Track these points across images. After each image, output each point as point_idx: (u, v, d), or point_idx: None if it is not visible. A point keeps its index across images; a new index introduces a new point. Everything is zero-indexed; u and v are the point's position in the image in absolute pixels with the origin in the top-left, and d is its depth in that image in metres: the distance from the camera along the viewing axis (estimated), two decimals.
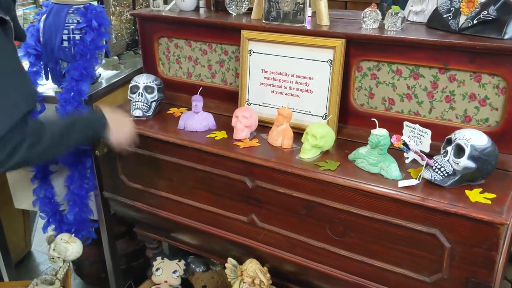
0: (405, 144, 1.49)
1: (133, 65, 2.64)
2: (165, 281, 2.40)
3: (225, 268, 2.02)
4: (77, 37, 2.21)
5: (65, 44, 2.21)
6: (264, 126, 1.95)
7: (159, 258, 2.44)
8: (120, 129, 1.76)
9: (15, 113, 1.38)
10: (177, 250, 2.48)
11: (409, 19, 1.89)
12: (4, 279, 2.69)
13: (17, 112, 1.39)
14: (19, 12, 4.04)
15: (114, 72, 2.63)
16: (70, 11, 2.21)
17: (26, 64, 2.32)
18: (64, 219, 2.36)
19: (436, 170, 1.49)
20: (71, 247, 2.03)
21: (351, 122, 1.89)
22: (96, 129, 1.71)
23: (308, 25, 1.88)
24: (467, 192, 1.47)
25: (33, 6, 4.12)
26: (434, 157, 1.52)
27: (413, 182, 1.52)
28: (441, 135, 1.61)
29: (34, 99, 1.49)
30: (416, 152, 1.51)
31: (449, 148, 1.50)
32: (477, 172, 1.47)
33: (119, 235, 2.71)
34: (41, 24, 2.24)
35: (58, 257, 2.04)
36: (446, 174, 1.49)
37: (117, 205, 2.26)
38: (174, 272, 2.41)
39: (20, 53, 2.30)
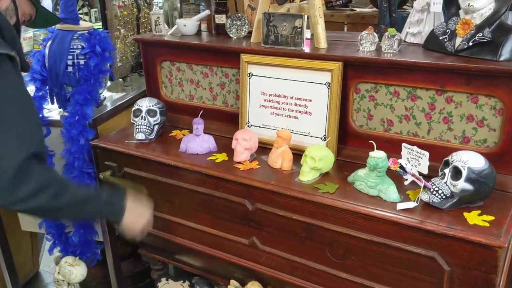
0: (401, 167, 1.49)
1: (138, 87, 2.68)
2: None
3: None
4: (82, 62, 2.27)
5: (70, 69, 2.26)
6: (264, 148, 1.96)
7: (163, 279, 2.45)
8: (135, 222, 1.68)
9: (32, 142, 1.39)
10: (182, 271, 2.49)
11: (406, 40, 1.91)
12: None
13: (33, 142, 1.39)
14: (29, 34, 4.13)
15: (120, 94, 2.68)
16: (75, 37, 2.27)
17: (32, 89, 2.38)
18: (69, 241, 2.38)
19: (434, 192, 1.49)
20: (75, 270, 2.06)
21: (350, 143, 1.90)
22: (111, 214, 1.66)
23: (306, 48, 1.91)
24: (465, 214, 1.47)
25: None
26: (432, 180, 1.52)
27: (411, 204, 1.52)
28: (440, 156, 1.61)
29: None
30: (413, 175, 1.51)
31: (447, 171, 1.50)
32: (475, 194, 1.47)
33: (125, 256, 2.72)
34: (47, 50, 2.30)
35: (63, 280, 2.07)
36: (444, 197, 1.49)
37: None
38: None
39: (26, 78, 2.36)
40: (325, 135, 1.87)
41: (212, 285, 2.52)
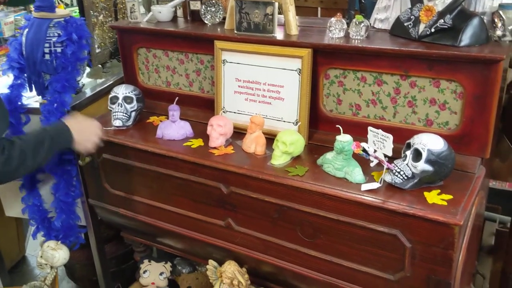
0: (364, 150, 1.56)
1: (118, 73, 2.70)
2: (153, 283, 2.49)
3: None
4: (58, 50, 2.29)
5: (47, 57, 2.29)
6: (239, 133, 2.02)
7: (146, 261, 2.52)
8: (85, 137, 1.84)
9: None
10: (164, 252, 2.56)
11: (374, 26, 1.96)
12: None
13: None
14: (10, 18, 4.11)
15: (99, 80, 2.71)
16: (51, 25, 2.28)
17: (10, 77, 2.40)
18: (52, 226, 2.44)
19: (396, 173, 1.57)
20: (58, 254, 2.12)
21: (321, 127, 1.96)
22: (63, 143, 1.79)
23: (279, 34, 1.95)
24: (425, 194, 1.55)
25: (25, 12, 4.19)
26: (394, 161, 1.60)
27: (375, 185, 1.59)
28: (406, 138, 1.67)
29: (7, 120, 1.62)
30: (376, 157, 1.58)
31: (408, 153, 1.57)
32: (434, 175, 1.55)
33: (108, 238, 2.79)
34: (23, 38, 2.32)
35: (46, 264, 2.13)
36: (405, 177, 1.56)
37: (103, 212, 2.34)
38: (161, 274, 2.49)
39: (4, 66, 2.38)
40: (296, 120, 1.93)
41: (193, 265, 2.61)
